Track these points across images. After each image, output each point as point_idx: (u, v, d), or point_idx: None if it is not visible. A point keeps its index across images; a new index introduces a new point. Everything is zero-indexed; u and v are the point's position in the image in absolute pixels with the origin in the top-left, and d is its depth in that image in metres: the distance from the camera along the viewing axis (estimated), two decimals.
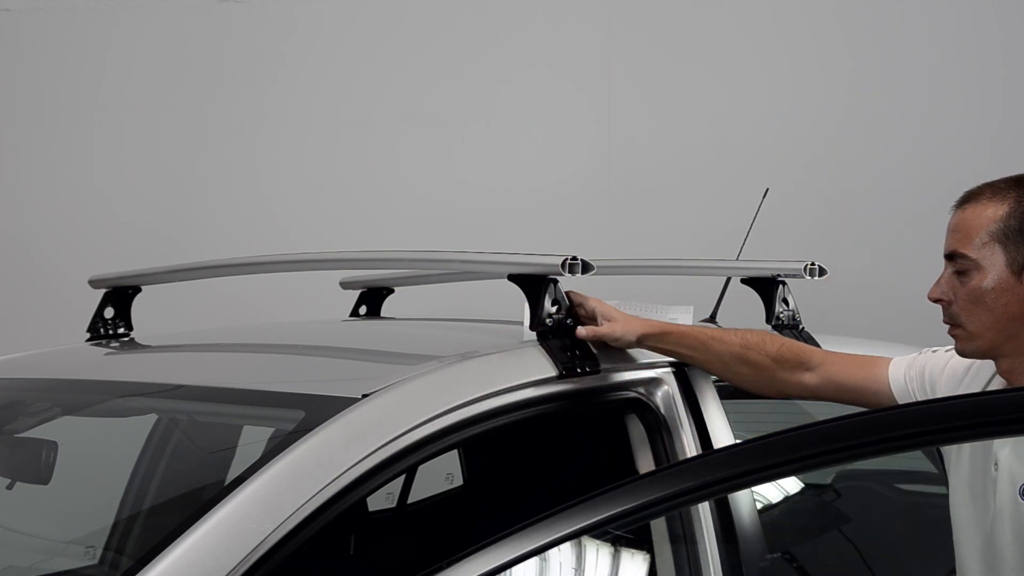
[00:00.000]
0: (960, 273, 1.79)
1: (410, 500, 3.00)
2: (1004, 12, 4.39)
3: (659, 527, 2.12)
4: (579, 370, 1.94)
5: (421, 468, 2.51)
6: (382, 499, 2.88)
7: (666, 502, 1.35)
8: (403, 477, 2.92)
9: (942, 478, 2.16)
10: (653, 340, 2.05)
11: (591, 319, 2.02)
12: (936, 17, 4.43)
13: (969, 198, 1.81)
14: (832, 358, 2.11)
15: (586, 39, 4.62)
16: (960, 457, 1.95)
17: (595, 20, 4.63)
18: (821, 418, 2.81)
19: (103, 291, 2.52)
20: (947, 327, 1.87)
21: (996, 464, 1.86)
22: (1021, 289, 1.74)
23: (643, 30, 4.61)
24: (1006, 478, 1.84)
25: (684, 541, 2.06)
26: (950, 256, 1.81)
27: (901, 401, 2.02)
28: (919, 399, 1.99)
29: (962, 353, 1.85)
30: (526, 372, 1.89)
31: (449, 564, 1.34)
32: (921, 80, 4.42)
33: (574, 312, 2.03)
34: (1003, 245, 1.74)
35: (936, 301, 1.84)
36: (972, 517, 1.91)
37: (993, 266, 1.75)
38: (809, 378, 2.08)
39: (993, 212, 1.76)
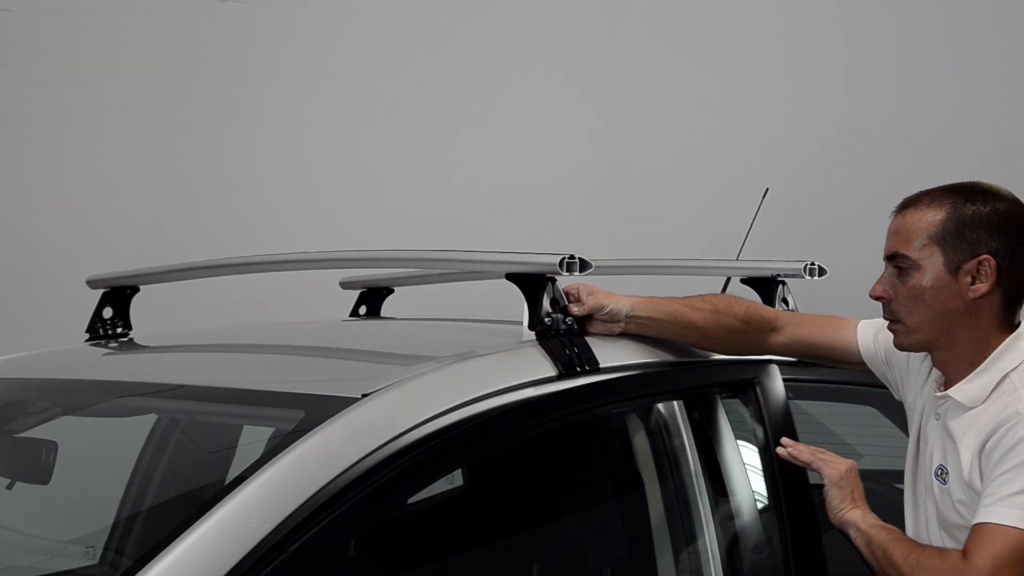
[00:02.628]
0: (901, 272, 1.93)
1: (410, 500, 2.99)
2: (1003, 12, 4.39)
3: (660, 526, 2.12)
4: (578, 369, 1.94)
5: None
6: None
7: None
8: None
9: None
10: (642, 309, 2.10)
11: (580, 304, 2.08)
12: (936, 17, 4.43)
13: (908, 204, 1.96)
14: (798, 319, 2.25)
15: (586, 39, 4.62)
16: (913, 441, 2.06)
17: (595, 20, 4.63)
18: (815, 413, 2.81)
19: (101, 291, 2.52)
20: (887, 322, 2.00)
21: (927, 442, 2.00)
22: (956, 287, 1.89)
23: (643, 30, 4.61)
24: (927, 460, 1.98)
25: (684, 541, 2.06)
26: (891, 257, 1.95)
27: (868, 360, 2.17)
28: (885, 362, 2.15)
29: (900, 347, 1.99)
30: (525, 372, 1.89)
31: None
32: (921, 80, 4.42)
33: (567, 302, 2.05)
34: (941, 247, 1.89)
35: (877, 299, 1.97)
36: (912, 495, 2.05)
37: (931, 266, 1.89)
38: (777, 338, 2.20)
39: (932, 217, 1.90)
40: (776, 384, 2.24)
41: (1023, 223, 1.90)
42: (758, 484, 2.17)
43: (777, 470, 2.11)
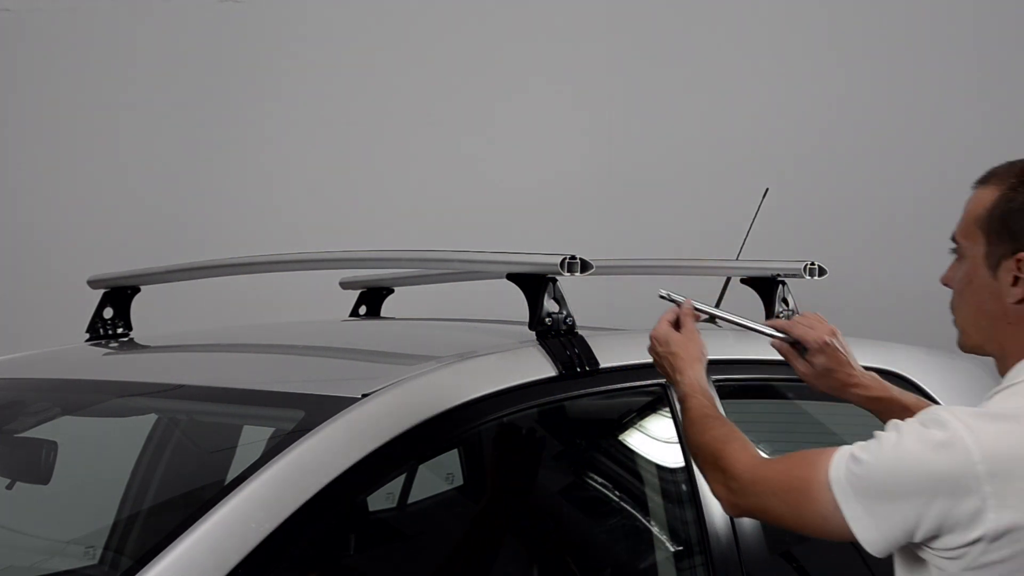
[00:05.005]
0: (957, 259, 1.63)
1: (410, 500, 3.00)
2: (1003, 11, 4.40)
3: (660, 525, 2.12)
4: (578, 369, 1.94)
5: (421, 468, 2.52)
6: (382, 499, 2.88)
7: None
8: (403, 477, 2.92)
9: None
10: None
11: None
12: (935, 16, 4.43)
13: (980, 179, 1.62)
14: None
15: (586, 38, 4.62)
16: None
17: (596, 19, 4.63)
18: (815, 413, 2.81)
19: (102, 291, 2.52)
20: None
21: None
22: (995, 286, 1.55)
23: (644, 29, 4.61)
24: None
25: (684, 541, 2.06)
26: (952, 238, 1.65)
27: None
28: None
29: (960, 347, 1.67)
30: (525, 372, 1.89)
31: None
32: (921, 79, 4.42)
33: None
34: (986, 236, 1.56)
35: (946, 285, 1.66)
36: None
37: (974, 256, 1.58)
38: None
39: (986, 198, 1.58)
40: None
41: None
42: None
43: None
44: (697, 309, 1.90)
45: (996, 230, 1.55)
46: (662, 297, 1.90)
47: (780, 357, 2.23)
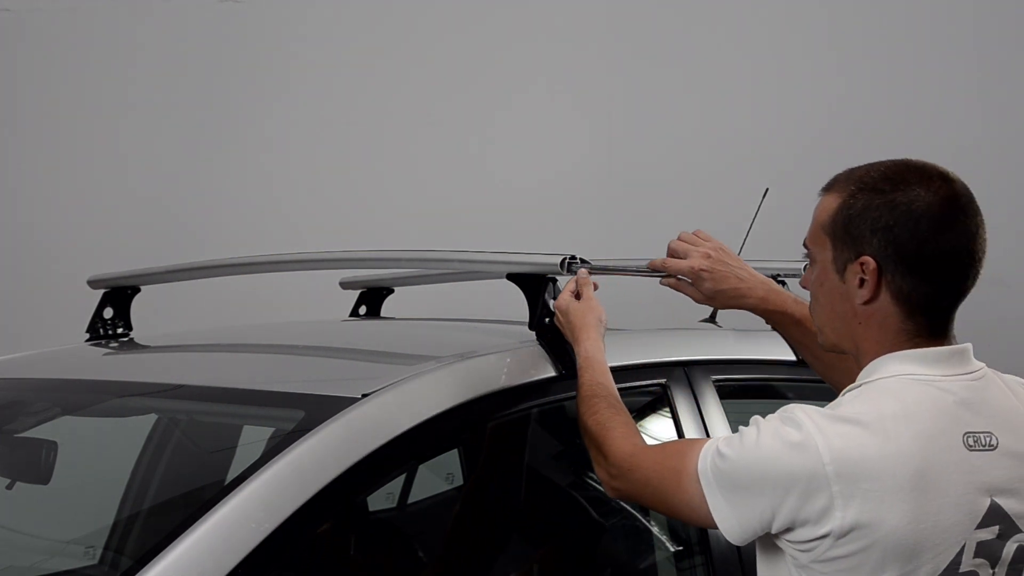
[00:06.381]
0: (810, 263, 1.73)
1: (410, 500, 3.00)
2: (1003, 11, 4.39)
3: (660, 525, 2.12)
4: None
5: (421, 468, 2.52)
6: (382, 499, 2.88)
7: None
8: (403, 477, 2.93)
9: None
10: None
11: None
12: (935, 17, 4.43)
13: (826, 185, 1.72)
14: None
15: (586, 38, 4.62)
16: None
17: (596, 20, 4.63)
18: None
19: (102, 291, 2.52)
20: None
21: None
22: (844, 289, 1.62)
23: (643, 29, 4.61)
24: None
25: (684, 541, 2.06)
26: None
27: None
28: None
29: (820, 346, 1.74)
30: (526, 372, 1.90)
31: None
32: (921, 79, 4.42)
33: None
34: (832, 241, 1.65)
35: (804, 288, 1.76)
36: None
37: (823, 261, 1.67)
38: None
39: (830, 205, 1.66)
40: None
41: (925, 222, 1.56)
42: None
43: None
44: (592, 270, 2.00)
45: (840, 235, 1.63)
46: (567, 271, 1.98)
47: (780, 357, 2.24)
